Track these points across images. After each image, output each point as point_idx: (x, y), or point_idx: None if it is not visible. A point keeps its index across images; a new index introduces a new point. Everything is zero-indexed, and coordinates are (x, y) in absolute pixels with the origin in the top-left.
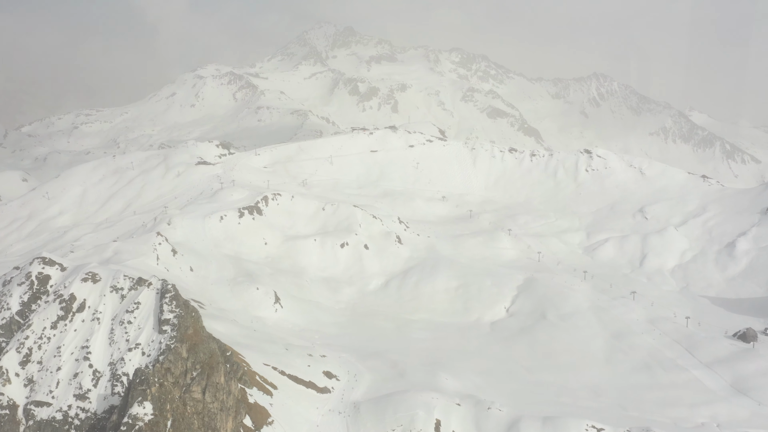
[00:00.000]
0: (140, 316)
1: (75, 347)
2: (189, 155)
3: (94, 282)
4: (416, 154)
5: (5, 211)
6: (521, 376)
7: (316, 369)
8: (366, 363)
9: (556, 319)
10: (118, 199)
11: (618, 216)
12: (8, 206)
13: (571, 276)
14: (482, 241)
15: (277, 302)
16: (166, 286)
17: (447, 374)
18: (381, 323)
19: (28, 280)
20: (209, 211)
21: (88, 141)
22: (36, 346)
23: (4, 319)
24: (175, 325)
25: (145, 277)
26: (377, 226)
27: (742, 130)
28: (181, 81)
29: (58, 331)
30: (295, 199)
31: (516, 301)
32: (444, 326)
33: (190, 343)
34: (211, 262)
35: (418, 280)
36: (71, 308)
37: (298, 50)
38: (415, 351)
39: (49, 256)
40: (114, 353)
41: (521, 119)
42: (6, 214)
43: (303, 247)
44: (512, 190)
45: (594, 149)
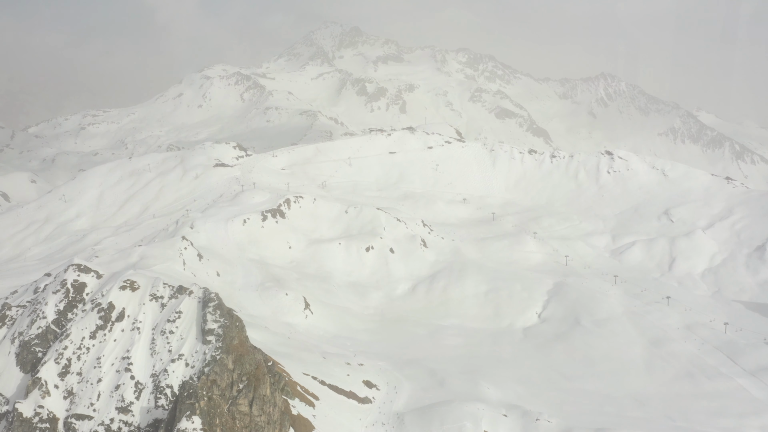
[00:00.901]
0: (182, 326)
1: (115, 358)
2: (206, 157)
3: (132, 290)
4: (435, 156)
5: (22, 214)
6: (561, 385)
7: (355, 378)
8: (403, 371)
9: (591, 325)
10: (136, 202)
11: (643, 218)
12: (25, 209)
13: (601, 280)
14: (508, 245)
15: (307, 308)
16: (209, 295)
17: (488, 383)
18: (412, 329)
19: (63, 288)
20: (231, 215)
21: (95, 142)
22: (75, 356)
23: (39, 328)
24: (219, 335)
25: (186, 285)
26: (402, 230)
27: (749, 131)
28: (188, 81)
29: (97, 341)
30: (318, 201)
31: (548, 306)
32: (476, 332)
33: (236, 354)
34: (237, 267)
35: (447, 284)
36: (110, 317)
37: (305, 50)
38: (451, 358)
39: (85, 264)
40: (156, 364)
41: (530, 120)
42: (23, 217)
43: (328, 251)
44: (533, 192)
45: (615, 150)
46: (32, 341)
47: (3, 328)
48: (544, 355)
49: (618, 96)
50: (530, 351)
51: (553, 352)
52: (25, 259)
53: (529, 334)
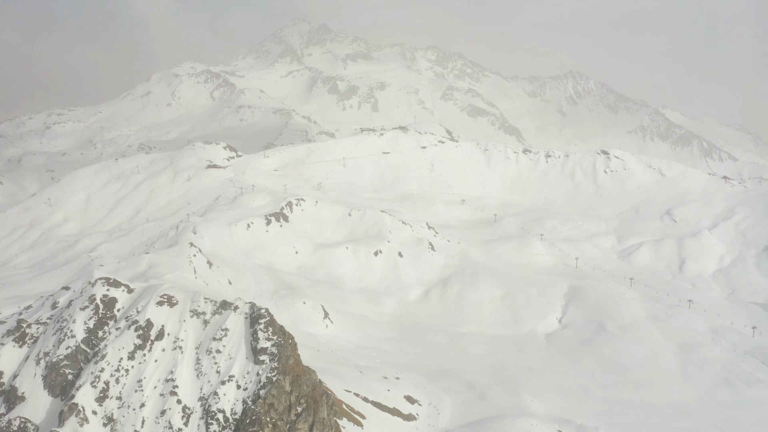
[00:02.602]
0: (230, 345)
1: (158, 380)
2: (197, 158)
3: (170, 306)
4: (429, 156)
5: (5, 219)
6: (599, 394)
7: (396, 393)
8: (439, 384)
9: (616, 330)
10: (126, 205)
11: (645, 219)
12: (7, 213)
13: (616, 283)
14: (515, 247)
15: (326, 317)
16: (259, 311)
17: (529, 395)
18: (433, 337)
19: (92, 304)
20: (234, 219)
21: (62, 141)
22: (113, 379)
23: (69, 348)
24: (274, 354)
25: (230, 300)
26: (408, 233)
27: (711, 128)
28: (156, 79)
29: (136, 362)
30: (320, 204)
31: (567, 311)
32: (498, 339)
33: (292, 374)
34: (246, 274)
35: (461, 289)
36: (149, 336)
37: (274, 48)
38: (480, 368)
39: (113, 277)
40: (204, 386)
41: (502, 118)
42: (6, 222)
43: (335, 255)
44: (530, 193)
45: (611, 150)
46: (61, 362)
47: (24, 347)
48: (574, 363)
49: (587, 94)
50: (558, 358)
51: (582, 360)
52: (15, 267)
53: (553, 340)
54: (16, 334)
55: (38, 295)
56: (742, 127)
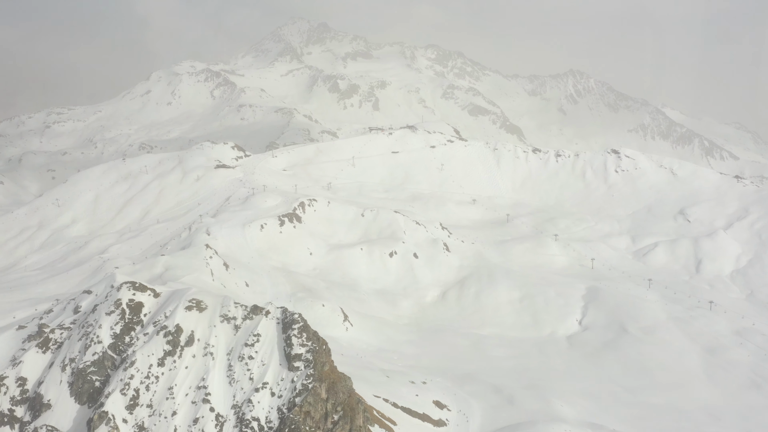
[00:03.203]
0: (262, 351)
1: (189, 387)
2: (205, 158)
3: (199, 310)
4: (438, 155)
5: (13, 220)
6: (625, 398)
7: (425, 398)
8: (465, 388)
9: (638, 332)
10: (135, 206)
11: (658, 219)
12: (15, 214)
13: (634, 284)
14: (530, 248)
15: (346, 320)
16: (291, 316)
17: (558, 399)
18: (453, 340)
19: (118, 309)
20: (247, 219)
21: (62, 141)
22: (143, 386)
23: (95, 354)
24: (309, 361)
25: (261, 305)
26: (422, 233)
27: (710, 127)
28: (156, 78)
29: (166, 368)
30: (332, 204)
31: (587, 313)
32: (519, 342)
33: (328, 381)
34: (263, 276)
35: (478, 291)
36: (179, 342)
37: (273, 47)
38: (504, 371)
39: (139, 281)
40: (237, 394)
41: (503, 117)
42: (14, 223)
43: (350, 257)
44: (541, 192)
45: (621, 149)
46: (88, 369)
47: (47, 353)
48: (597, 366)
49: (587, 93)
50: (581, 361)
51: (606, 362)
52: (25, 269)
53: (574, 342)
54: (39, 339)
55: (51, 298)
56: (741, 126)
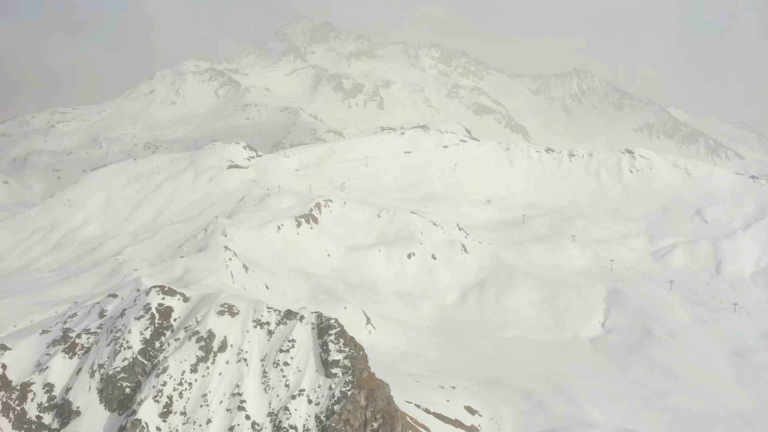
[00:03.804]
0: (298, 357)
1: (223, 394)
2: (218, 158)
3: (232, 315)
4: (451, 155)
5: (25, 221)
6: (655, 403)
7: (456, 404)
8: (494, 393)
9: (664, 335)
10: (148, 207)
11: (675, 219)
12: (27, 215)
13: (655, 286)
14: (547, 249)
15: (368, 323)
16: (328, 321)
17: (589, 404)
18: (476, 343)
19: (147, 314)
20: (263, 220)
21: (66, 140)
22: (176, 393)
23: (125, 360)
24: (347, 367)
25: (294, 310)
26: (439, 234)
27: (716, 126)
28: (160, 77)
29: (199, 375)
30: (348, 205)
31: (609, 315)
32: (542, 345)
33: (367, 388)
34: (282, 278)
35: (498, 293)
36: (211, 347)
37: (277, 46)
38: (530, 375)
39: (168, 285)
40: (272, 401)
41: (508, 116)
42: (26, 224)
43: (368, 258)
44: (555, 193)
45: (636, 149)
46: (118, 375)
47: (74, 358)
48: (624, 369)
49: (591, 92)
50: (606, 365)
51: (632, 366)
52: (39, 270)
53: (598, 345)
54: (65, 344)
55: (68, 300)
56: (745, 125)
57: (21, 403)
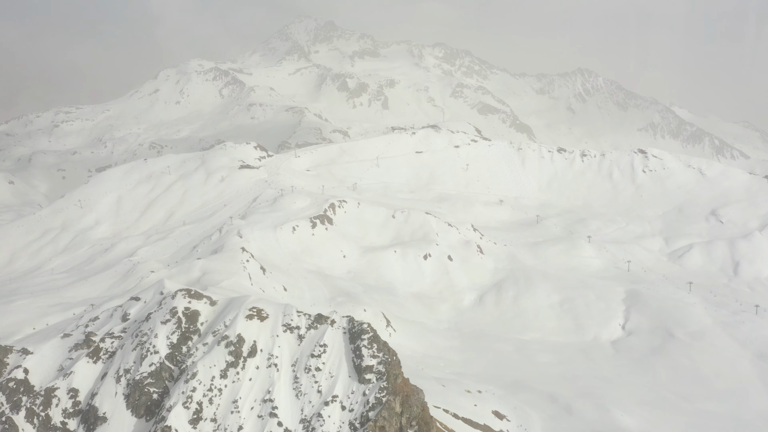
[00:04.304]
0: (330, 362)
1: (254, 400)
2: (229, 158)
3: (261, 319)
4: (463, 155)
5: (36, 221)
6: (682, 407)
7: (484, 409)
8: (519, 397)
9: (686, 338)
10: (159, 207)
11: (689, 219)
12: (37, 215)
13: (674, 287)
14: (563, 250)
15: (389, 326)
16: (360, 326)
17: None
18: (497, 345)
19: (174, 317)
20: (277, 221)
21: (70, 140)
22: (206, 399)
23: (152, 365)
24: (381, 373)
25: (325, 314)
26: (455, 235)
27: (720, 126)
28: (164, 77)
29: (229, 380)
30: (362, 206)
31: (630, 317)
32: (563, 347)
33: (402, 394)
34: (299, 280)
35: (516, 294)
36: (241, 352)
37: (280, 45)
38: (553, 378)
39: (195, 289)
40: (305, 407)
41: (513, 115)
42: (37, 224)
43: (384, 259)
44: (568, 193)
45: (648, 149)
46: (145, 380)
47: (98, 363)
48: (647, 373)
49: (596, 91)
50: (629, 368)
51: (656, 369)
52: (52, 271)
53: (619, 348)
54: (89, 348)
55: (83, 302)
56: (749, 124)
57: (45, 408)
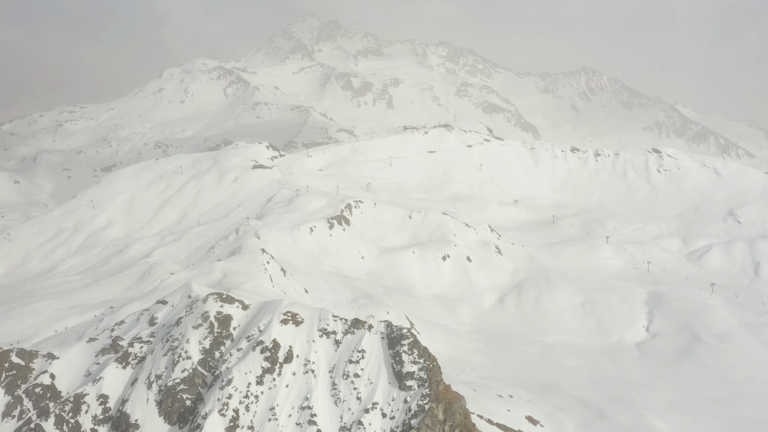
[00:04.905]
0: (368, 368)
1: (292, 408)
2: (241, 158)
3: (296, 324)
4: (476, 155)
5: (48, 222)
6: (715, 411)
7: (517, 414)
8: (549, 401)
9: (712, 340)
10: (172, 207)
11: (706, 220)
12: (49, 216)
13: (696, 289)
14: (582, 250)
15: (412, 328)
16: (399, 331)
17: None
18: (521, 348)
19: (206, 322)
20: (294, 222)
21: (75, 139)
22: (243, 406)
23: (185, 371)
24: (423, 379)
25: (362, 318)
26: (472, 236)
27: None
28: (168, 76)
29: (266, 387)
30: (379, 206)
31: (653, 319)
32: (587, 349)
33: (445, 401)
34: (319, 282)
35: (537, 296)
36: (277, 358)
37: (284, 44)
38: (581, 382)
39: (226, 293)
40: (344, 415)
41: (517, 114)
42: (49, 225)
43: (403, 261)
44: (582, 193)
45: (663, 148)
46: (177, 387)
47: (127, 368)
48: (676, 376)
49: (600, 90)
50: (656, 370)
51: (684, 372)
52: (66, 273)
53: (645, 350)
54: (117, 353)
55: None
56: (753, 123)
57: (75, 415)
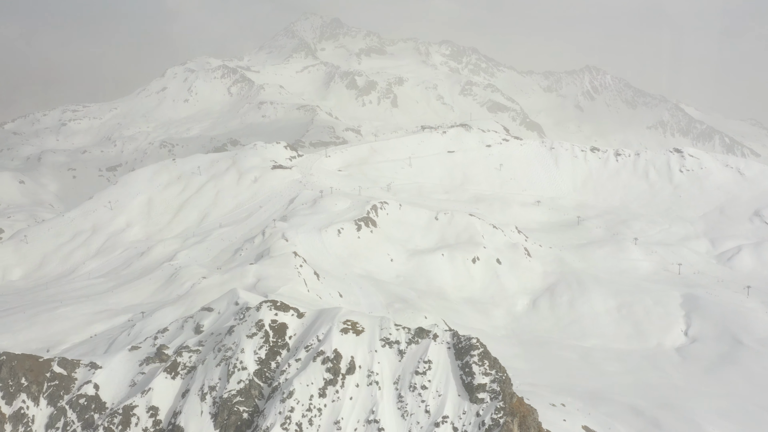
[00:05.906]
0: (436, 379)
1: (357, 421)
2: (260, 158)
3: (356, 333)
4: (495, 154)
5: (66, 224)
6: (764, 417)
7: (573, 423)
8: (600, 409)
9: (756, 345)
10: (191, 209)
11: (732, 221)
12: (66, 217)
13: (731, 291)
14: (610, 252)
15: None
16: (468, 341)
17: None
18: (560, 353)
19: (260, 331)
20: (321, 224)
21: (78, 138)
22: (306, 420)
23: (241, 382)
24: (495, 392)
25: (426, 327)
26: (500, 238)
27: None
28: (171, 75)
29: (328, 399)
30: (404, 208)
31: (691, 323)
32: (626, 354)
33: (519, 415)
34: (351, 285)
35: (571, 299)
36: (339, 369)
37: (287, 42)
38: (627, 388)
39: (281, 300)
40: (413, 428)
41: (522, 113)
42: (67, 227)
43: (433, 263)
44: (604, 193)
45: (684, 148)
46: (234, 399)
47: (176, 379)
48: (721, 382)
49: (604, 89)
50: (700, 376)
51: (729, 378)
52: (88, 276)
53: (685, 355)
54: (166, 363)
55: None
56: (756, 122)
57: (125, 428)
